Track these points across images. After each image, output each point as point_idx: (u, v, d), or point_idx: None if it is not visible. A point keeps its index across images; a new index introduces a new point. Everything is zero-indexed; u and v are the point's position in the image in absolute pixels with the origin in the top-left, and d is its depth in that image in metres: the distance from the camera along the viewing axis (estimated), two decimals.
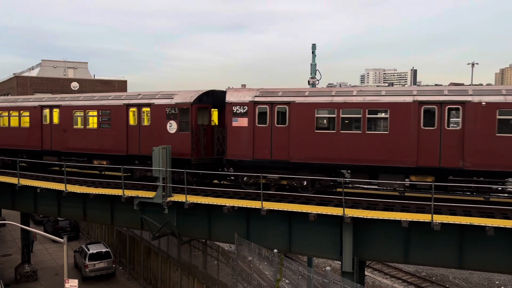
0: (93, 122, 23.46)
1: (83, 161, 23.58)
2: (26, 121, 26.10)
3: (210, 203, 18.39)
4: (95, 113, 23.10)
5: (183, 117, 20.46)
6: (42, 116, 25.34)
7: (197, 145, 20.55)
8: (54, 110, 24.81)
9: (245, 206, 17.69)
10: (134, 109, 22.01)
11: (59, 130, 24.52)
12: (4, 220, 29.83)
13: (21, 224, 28.55)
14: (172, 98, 20.99)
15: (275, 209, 17.13)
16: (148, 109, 21.50)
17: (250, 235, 18.56)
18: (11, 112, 26.71)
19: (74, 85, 58.80)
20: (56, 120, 24.72)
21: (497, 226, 14.24)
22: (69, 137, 24.08)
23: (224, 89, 21.04)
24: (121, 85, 62.95)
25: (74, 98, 24.71)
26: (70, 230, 41.61)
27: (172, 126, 20.62)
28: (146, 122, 21.71)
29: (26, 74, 63.82)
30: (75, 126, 23.96)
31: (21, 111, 26.24)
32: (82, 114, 23.62)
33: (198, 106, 20.57)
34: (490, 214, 15.64)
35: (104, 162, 22.94)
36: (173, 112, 20.64)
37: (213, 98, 21.49)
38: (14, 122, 26.79)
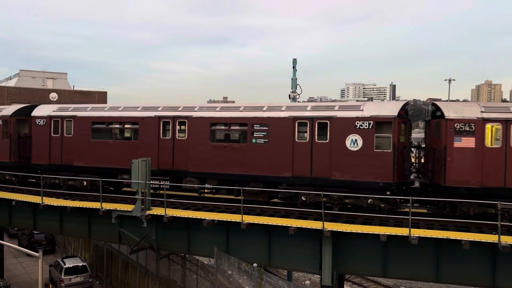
0: None
1: None
2: None
3: (189, 216, 18.26)
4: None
5: None
6: None
7: None
8: None
9: (225, 219, 17.62)
10: None
11: None
12: None
13: None
14: None
15: (255, 222, 17.10)
16: None
17: (230, 249, 18.46)
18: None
19: (53, 96, 57.99)
20: None
21: (473, 240, 14.52)
22: None
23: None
24: (101, 97, 62.33)
25: None
26: (46, 244, 40.61)
27: None
28: None
29: (3, 84, 62.76)
30: None
31: None
32: None
33: None
34: (466, 228, 15.92)
35: None
36: None
37: None
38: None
